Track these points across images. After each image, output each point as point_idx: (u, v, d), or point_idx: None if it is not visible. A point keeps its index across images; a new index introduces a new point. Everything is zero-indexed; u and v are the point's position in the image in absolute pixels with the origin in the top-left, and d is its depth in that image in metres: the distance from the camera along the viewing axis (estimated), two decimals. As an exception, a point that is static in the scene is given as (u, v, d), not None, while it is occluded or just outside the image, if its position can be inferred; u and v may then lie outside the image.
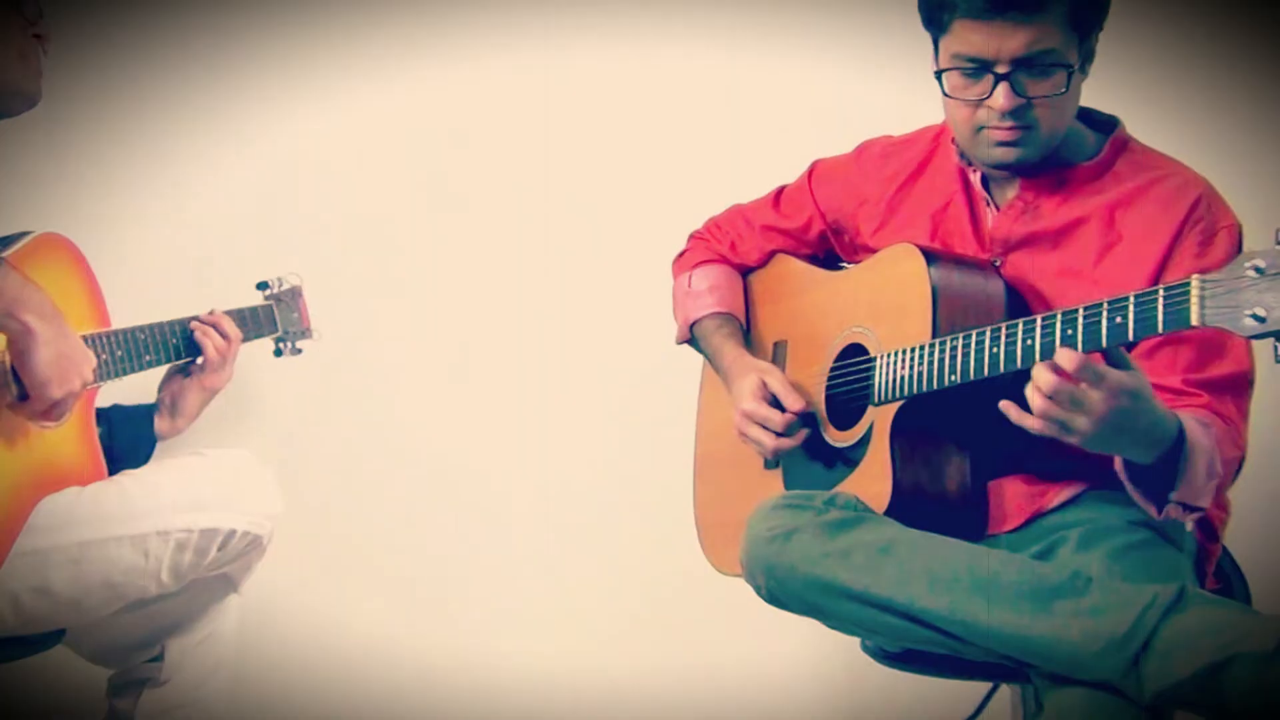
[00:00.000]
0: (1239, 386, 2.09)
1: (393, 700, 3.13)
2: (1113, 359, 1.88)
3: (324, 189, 3.22)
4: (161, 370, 2.44)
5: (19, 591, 2.10)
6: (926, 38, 2.18)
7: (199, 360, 2.44)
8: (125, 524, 2.17)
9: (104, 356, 2.24)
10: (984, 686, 2.30)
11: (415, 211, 3.26)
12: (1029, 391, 1.88)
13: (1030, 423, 1.89)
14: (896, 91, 3.04)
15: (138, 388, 2.44)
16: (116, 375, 2.29)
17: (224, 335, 2.44)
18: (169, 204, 3.13)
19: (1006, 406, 1.92)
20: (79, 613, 2.19)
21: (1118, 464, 1.99)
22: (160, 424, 2.44)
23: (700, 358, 2.55)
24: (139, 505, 2.19)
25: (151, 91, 3.01)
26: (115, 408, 2.44)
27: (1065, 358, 1.85)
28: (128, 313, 2.36)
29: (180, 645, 2.30)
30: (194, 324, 2.43)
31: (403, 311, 3.23)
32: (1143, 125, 2.24)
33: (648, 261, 2.77)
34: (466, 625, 3.18)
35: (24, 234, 2.22)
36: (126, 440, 2.40)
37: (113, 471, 2.30)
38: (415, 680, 3.14)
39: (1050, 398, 1.86)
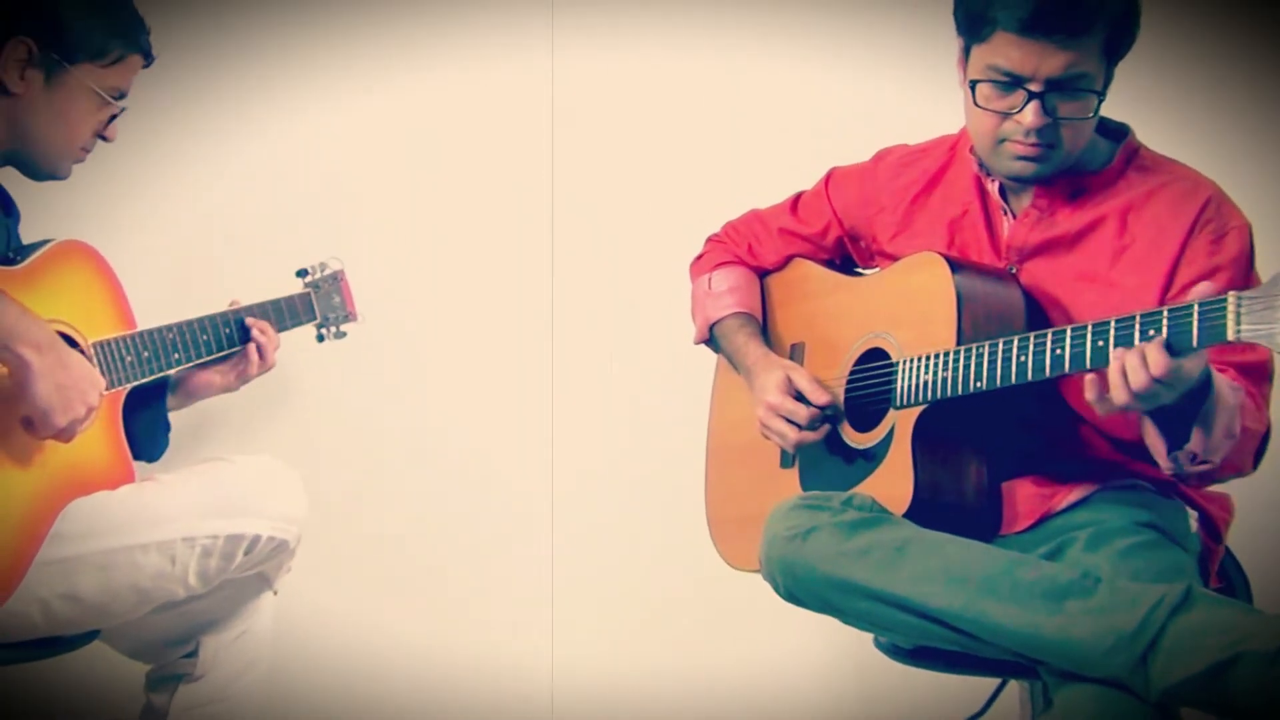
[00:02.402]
0: (1262, 374, 2.12)
1: (411, 695, 3.13)
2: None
3: (341, 185, 3.20)
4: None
5: (48, 598, 2.13)
6: (930, 41, 2.20)
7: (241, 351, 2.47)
8: (152, 531, 2.19)
9: (129, 358, 2.26)
10: (995, 682, 2.33)
11: (428, 212, 3.25)
12: (1114, 378, 1.89)
13: (1117, 397, 1.89)
14: (896, 92, 3.05)
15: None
16: (145, 376, 2.30)
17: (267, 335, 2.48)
18: (189, 202, 3.11)
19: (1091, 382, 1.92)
20: (107, 616, 2.21)
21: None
22: (171, 399, 2.46)
23: (712, 358, 2.57)
24: (165, 512, 2.20)
25: (165, 88, 3.00)
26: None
27: (1156, 362, 1.86)
28: (160, 313, 2.37)
29: (215, 642, 2.32)
30: (250, 321, 2.46)
31: (419, 313, 3.21)
32: (1151, 131, 2.27)
33: (663, 263, 2.79)
34: (486, 622, 3.18)
35: (45, 242, 2.23)
36: (143, 421, 2.41)
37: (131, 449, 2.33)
38: (434, 676, 3.14)
39: (1137, 395, 1.88)
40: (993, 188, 2.24)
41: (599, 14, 3.18)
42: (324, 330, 2.67)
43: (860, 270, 2.45)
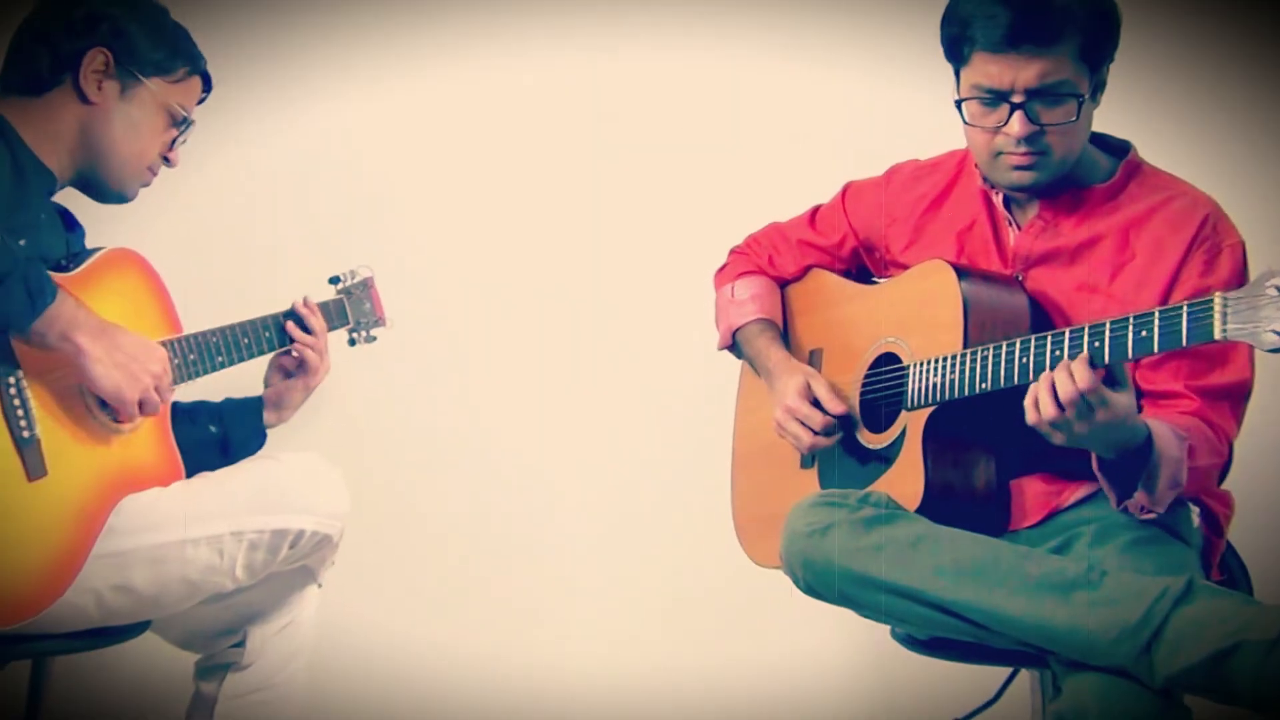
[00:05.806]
0: (1236, 395, 2.18)
1: (441, 691, 3.19)
2: (1113, 373, 1.99)
3: (372, 196, 3.28)
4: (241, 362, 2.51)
5: (102, 590, 2.19)
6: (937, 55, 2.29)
7: (293, 353, 2.52)
8: (201, 526, 2.25)
9: (176, 361, 2.32)
10: (1006, 671, 2.38)
11: (455, 220, 3.32)
12: (1042, 392, 1.98)
13: (1038, 417, 1.99)
14: (903, 97, 3.12)
15: (249, 376, 2.54)
16: (190, 377, 2.36)
17: (311, 331, 2.52)
18: (233, 211, 3.18)
19: (1030, 405, 2.01)
20: (158, 607, 2.28)
21: (1093, 456, 2.09)
22: (268, 416, 2.54)
23: (733, 364, 2.63)
24: (214, 507, 2.27)
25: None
26: (227, 401, 2.53)
27: (1082, 375, 1.95)
28: (201, 318, 2.43)
29: (261, 632, 2.38)
30: (289, 324, 2.52)
31: (446, 318, 3.28)
32: (1152, 145, 2.33)
33: (685, 270, 2.85)
34: (510, 618, 3.24)
35: (95, 250, 2.30)
36: (241, 432, 2.50)
37: (230, 460, 2.41)
38: (457, 670, 3.20)
39: (1064, 407, 1.96)
40: (998, 200, 2.31)
41: (620, 22, 3.25)
42: (356, 335, 2.73)
43: (875, 280, 2.51)
